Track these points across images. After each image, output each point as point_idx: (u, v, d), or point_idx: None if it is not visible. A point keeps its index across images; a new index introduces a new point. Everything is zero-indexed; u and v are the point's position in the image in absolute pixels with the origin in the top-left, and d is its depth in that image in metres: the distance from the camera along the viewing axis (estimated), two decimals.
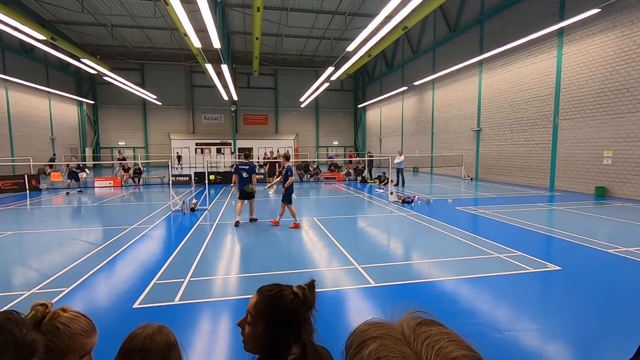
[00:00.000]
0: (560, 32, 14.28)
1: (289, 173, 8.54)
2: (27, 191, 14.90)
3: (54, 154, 26.56)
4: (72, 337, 1.11)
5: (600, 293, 4.55)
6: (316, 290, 1.17)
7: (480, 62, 19.08)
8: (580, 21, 12.97)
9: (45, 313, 1.09)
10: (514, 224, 8.48)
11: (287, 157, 9.06)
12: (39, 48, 20.14)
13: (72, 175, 15.39)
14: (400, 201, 11.95)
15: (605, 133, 12.83)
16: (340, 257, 6.13)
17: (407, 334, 0.44)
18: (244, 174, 8.73)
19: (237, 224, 8.57)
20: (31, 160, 17.61)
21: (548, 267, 5.44)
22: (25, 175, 15.36)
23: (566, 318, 3.91)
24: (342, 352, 0.48)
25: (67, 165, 15.73)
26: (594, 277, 5.13)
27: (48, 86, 26.39)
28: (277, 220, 8.69)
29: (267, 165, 19.75)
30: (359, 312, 4.06)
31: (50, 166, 18.08)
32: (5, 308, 4.12)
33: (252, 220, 9.02)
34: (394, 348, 0.41)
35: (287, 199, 8.47)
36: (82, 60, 22.62)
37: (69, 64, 28.13)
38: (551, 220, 9.28)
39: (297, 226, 8.32)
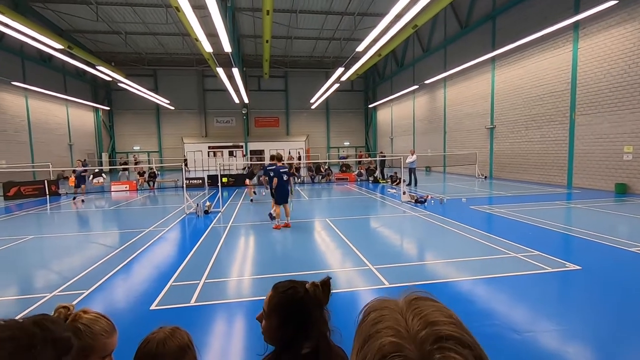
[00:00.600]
0: (576, 26, 13.94)
1: (270, 174, 8.67)
2: (47, 196, 15.33)
3: (85, 160, 27.36)
4: (94, 337, 1.14)
5: (622, 293, 4.41)
6: (331, 291, 1.19)
7: (493, 59, 18.78)
8: (596, 14, 12.63)
9: (67, 315, 1.12)
10: (531, 222, 8.30)
11: (278, 159, 8.94)
12: (57, 57, 20.77)
13: (81, 180, 14.74)
14: (413, 201, 11.84)
15: (625, 128, 12.45)
16: (354, 257, 6.11)
17: (402, 307, 0.53)
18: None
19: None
20: (50, 166, 18.12)
21: (567, 267, 5.31)
22: (45, 181, 15.82)
23: (587, 319, 3.81)
24: (355, 320, 0.58)
25: (74, 170, 15.09)
26: (615, 276, 4.98)
27: (66, 94, 27.14)
28: (286, 222, 8.70)
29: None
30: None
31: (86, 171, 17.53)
32: (29, 310, 4.25)
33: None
34: (389, 315, 0.52)
35: (275, 199, 8.64)
36: (97, 67, 23.21)
37: (85, 71, 28.87)
38: (570, 219, 9.06)
39: (270, 221, 8.78)
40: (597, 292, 4.50)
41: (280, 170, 8.61)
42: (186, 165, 32.58)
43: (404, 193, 12.40)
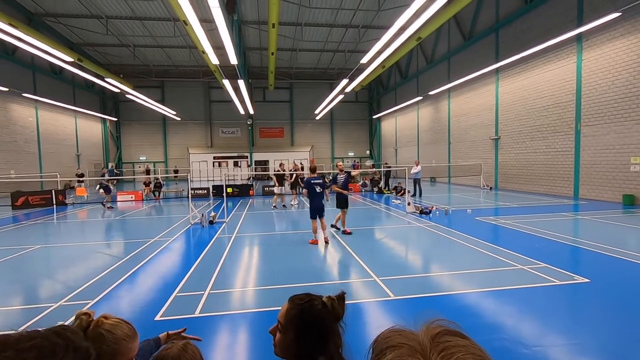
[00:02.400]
0: (579, 38, 14.01)
1: (305, 185, 8.23)
2: (54, 206, 15.48)
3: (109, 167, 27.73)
4: (117, 342, 1.16)
5: (633, 306, 4.32)
6: (345, 305, 1.20)
7: (497, 70, 18.87)
8: (600, 26, 12.70)
9: (89, 321, 1.14)
10: (537, 234, 8.21)
11: (312, 170, 8.57)
12: (67, 69, 21.21)
13: (107, 189, 15.36)
14: (418, 212, 11.79)
15: (632, 139, 12.38)
16: (359, 269, 6.07)
17: (424, 344, 0.44)
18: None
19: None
20: (58, 176, 18.33)
21: (575, 279, 5.23)
22: (53, 191, 15.99)
23: (598, 333, 3.74)
24: (366, 354, 0.49)
25: (100, 181, 15.72)
26: (625, 289, 4.90)
27: (75, 105, 27.64)
28: (325, 236, 7.98)
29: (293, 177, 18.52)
30: (379, 326, 4.00)
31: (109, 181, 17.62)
32: (35, 319, 4.26)
33: (345, 232, 8.74)
34: (409, 357, 0.42)
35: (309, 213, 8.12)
36: (106, 79, 23.68)
37: (94, 83, 29.44)
38: (577, 230, 8.95)
39: (314, 242, 7.89)
40: (606, 305, 4.42)
41: (312, 182, 8.01)
42: (176, 173, 32.67)
43: (409, 204, 12.35)
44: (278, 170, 16.73)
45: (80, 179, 20.35)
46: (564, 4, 14.59)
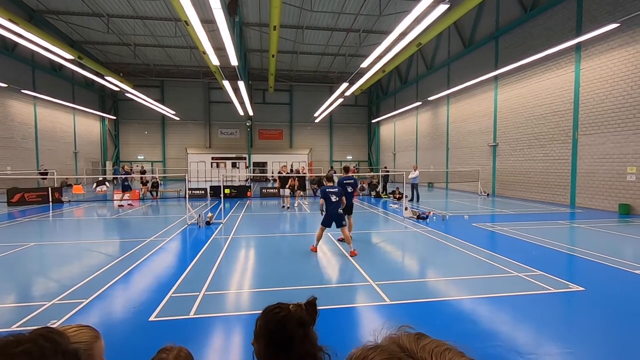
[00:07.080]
0: (578, 47, 14.13)
1: (320, 194, 7.64)
2: (50, 203, 15.39)
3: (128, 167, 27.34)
4: (89, 345, 1.13)
5: (628, 316, 4.34)
6: (317, 310, 1.22)
7: (496, 77, 18.99)
8: (599, 36, 12.83)
9: None
10: (534, 241, 8.24)
11: (327, 178, 7.78)
12: (67, 67, 21.18)
13: (126, 187, 15.41)
14: (415, 217, 11.80)
15: (628, 149, 12.47)
16: (355, 273, 6.07)
17: (411, 348, 0.46)
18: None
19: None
20: (55, 173, 18.24)
21: (570, 288, 5.25)
22: (49, 188, 15.91)
23: (592, 342, 3.74)
24: None
25: (120, 176, 15.66)
26: (620, 298, 4.91)
27: (73, 103, 27.56)
28: (352, 250, 7.37)
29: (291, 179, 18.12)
30: (374, 330, 3.99)
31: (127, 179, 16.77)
32: (27, 318, 4.23)
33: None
34: None
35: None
36: (106, 78, 23.62)
37: (93, 81, 29.40)
38: (573, 239, 8.99)
39: (314, 249, 7.57)
40: (601, 314, 4.43)
41: (327, 190, 7.40)
42: (143, 174, 32.14)
43: (406, 209, 12.36)
44: (287, 173, 16.65)
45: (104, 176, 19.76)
46: (564, 13, 14.73)
